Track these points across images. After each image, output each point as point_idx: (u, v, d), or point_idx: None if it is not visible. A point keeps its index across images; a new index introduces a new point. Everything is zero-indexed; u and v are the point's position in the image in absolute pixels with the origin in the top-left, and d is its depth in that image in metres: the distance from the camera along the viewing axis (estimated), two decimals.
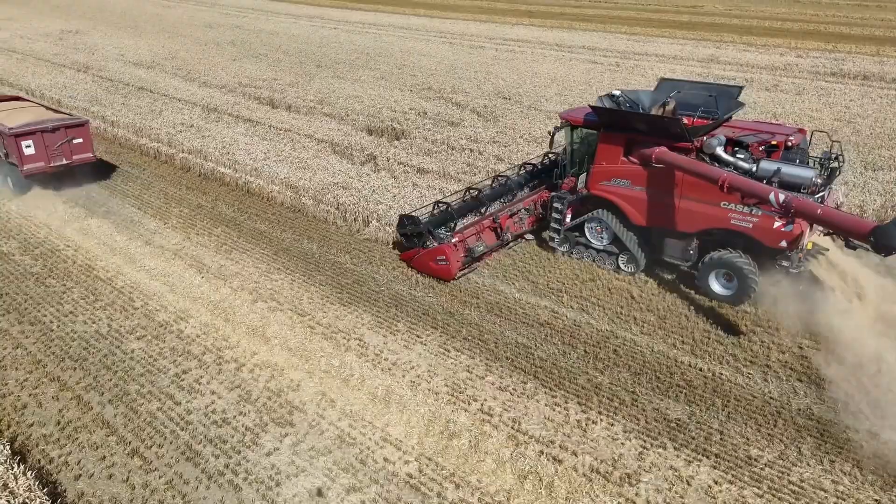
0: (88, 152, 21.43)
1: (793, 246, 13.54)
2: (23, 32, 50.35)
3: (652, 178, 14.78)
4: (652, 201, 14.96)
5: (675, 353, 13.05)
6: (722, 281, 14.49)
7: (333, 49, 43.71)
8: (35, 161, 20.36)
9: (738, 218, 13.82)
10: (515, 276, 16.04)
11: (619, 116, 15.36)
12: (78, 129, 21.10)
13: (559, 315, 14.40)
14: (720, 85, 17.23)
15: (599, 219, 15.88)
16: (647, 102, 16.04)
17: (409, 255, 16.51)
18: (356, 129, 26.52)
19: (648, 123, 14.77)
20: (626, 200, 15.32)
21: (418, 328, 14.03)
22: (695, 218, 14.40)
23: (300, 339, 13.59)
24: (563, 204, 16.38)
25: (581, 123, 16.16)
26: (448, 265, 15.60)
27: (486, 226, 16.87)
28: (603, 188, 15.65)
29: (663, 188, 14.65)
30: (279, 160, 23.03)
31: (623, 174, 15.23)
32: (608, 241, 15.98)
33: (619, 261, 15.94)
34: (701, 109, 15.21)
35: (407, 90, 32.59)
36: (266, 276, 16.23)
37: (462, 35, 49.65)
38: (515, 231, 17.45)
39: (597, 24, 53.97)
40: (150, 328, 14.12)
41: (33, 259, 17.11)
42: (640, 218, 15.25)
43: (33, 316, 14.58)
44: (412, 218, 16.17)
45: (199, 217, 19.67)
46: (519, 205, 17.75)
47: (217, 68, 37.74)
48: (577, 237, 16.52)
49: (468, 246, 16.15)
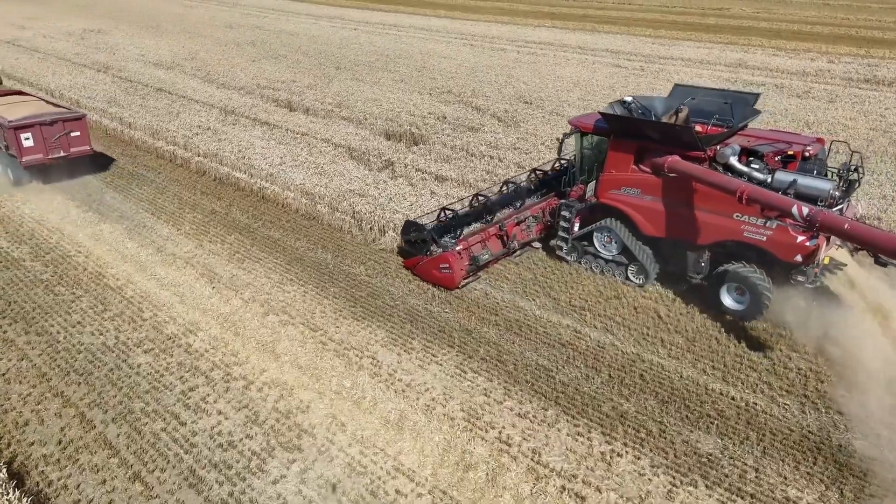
0: (86, 145, 21.96)
1: (808, 260, 12.96)
2: (46, 31, 50.65)
3: (663, 188, 14.32)
4: (662, 211, 14.50)
5: (705, 380, 12.32)
6: (734, 295, 13.98)
7: (353, 50, 43.33)
8: (34, 153, 20.89)
9: (752, 230, 13.32)
10: (536, 292, 15.40)
11: (629, 123, 14.95)
12: (75, 123, 21.63)
13: (582, 335, 13.73)
14: (736, 92, 16.70)
15: (608, 228, 15.44)
16: (660, 109, 15.60)
17: (412, 263, 16.16)
18: (374, 134, 26.02)
19: (659, 131, 14.35)
20: (635, 210, 14.87)
21: (434, 346, 13.45)
22: (706, 229, 13.93)
23: (311, 357, 13.07)
24: (571, 212, 15.96)
25: (591, 130, 15.70)
26: (451, 274, 15.20)
27: (492, 233, 16.47)
28: (612, 197, 15.22)
29: (674, 198, 14.18)
30: (295, 165, 22.60)
31: (633, 183, 14.77)
32: (617, 252, 15.54)
33: (628, 272, 15.48)
34: (715, 117, 14.78)
35: (426, 93, 32.06)
36: (278, 287, 15.75)
37: (483, 37, 49.02)
38: (522, 239, 17.03)
39: (620, 27, 53.02)
40: (158, 341, 13.69)
41: (44, 265, 16.81)
42: (651, 228, 14.79)
43: (41, 326, 14.24)
44: (416, 224, 15.80)
45: (212, 223, 19.28)
46: (526, 212, 17.29)
47: (236, 69, 37.51)
48: (586, 246, 16.12)
49: (472, 254, 15.78)
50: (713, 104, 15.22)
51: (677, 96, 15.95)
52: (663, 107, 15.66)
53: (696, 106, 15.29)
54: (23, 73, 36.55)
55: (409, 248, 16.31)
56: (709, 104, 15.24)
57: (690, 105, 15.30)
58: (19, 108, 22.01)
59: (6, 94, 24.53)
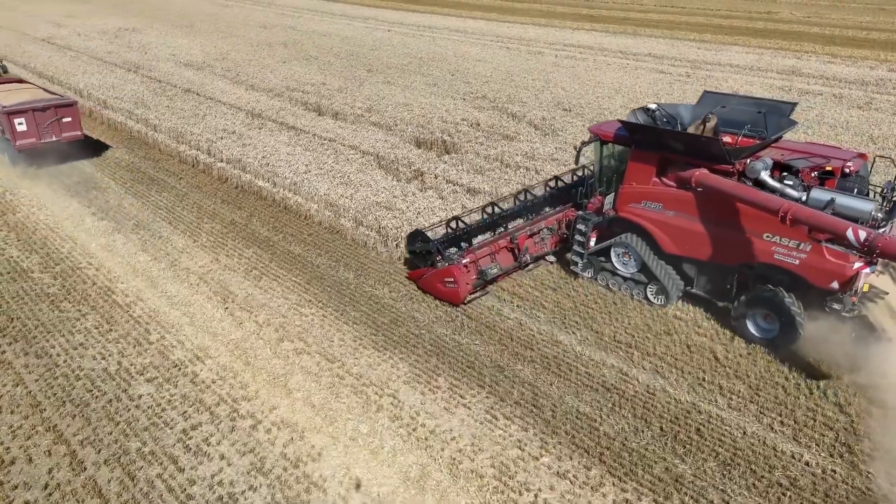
0: (77, 130, 22.93)
1: (846, 287, 11.70)
2: (82, 30, 50.70)
3: (686, 203, 13.31)
4: (685, 228, 13.45)
5: (773, 439, 10.73)
6: (761, 322, 12.87)
7: (386, 52, 42.23)
8: (27, 137, 21.95)
9: (783, 252, 12.21)
10: (576, 323, 13.94)
11: (651, 133, 13.85)
12: (67, 109, 22.60)
13: (629, 378, 12.23)
14: (771, 100, 15.32)
15: (626, 244, 14.44)
16: (687, 118, 14.55)
17: (416, 275, 15.37)
18: (404, 141, 24.78)
19: (683, 142, 13.31)
20: (656, 226, 13.86)
21: (462, 385, 12.09)
22: (733, 249, 12.86)
23: (326, 394, 11.83)
24: (587, 226, 14.98)
25: (611, 139, 14.63)
26: (456, 288, 14.32)
27: (503, 246, 15.52)
28: (632, 211, 14.23)
29: (699, 214, 13.19)
30: (320, 174, 21.46)
31: (654, 196, 13.76)
32: (636, 269, 14.50)
33: (647, 291, 14.44)
34: (747, 127, 13.63)
35: (459, 98, 30.73)
36: (295, 310, 14.57)
37: (520, 39, 47.51)
38: (535, 252, 16.05)
39: (663, 30, 50.98)
40: (163, 368, 12.60)
41: (52, 278, 15.92)
42: (672, 246, 13.77)
43: (41, 347, 13.28)
44: (422, 234, 14.99)
45: (230, 235, 18.23)
46: (541, 223, 16.24)
47: (266, 71, 36.70)
48: (603, 262, 15.11)
49: (480, 268, 14.87)
50: (745, 113, 14.04)
51: (706, 104, 14.72)
52: (690, 115, 14.55)
53: (726, 115, 14.12)
54: (53, 72, 36.27)
55: (414, 259, 15.53)
56: (740, 113, 14.07)
57: (720, 114, 14.10)
58: (15, 95, 23.13)
59: (7, 82, 25.77)
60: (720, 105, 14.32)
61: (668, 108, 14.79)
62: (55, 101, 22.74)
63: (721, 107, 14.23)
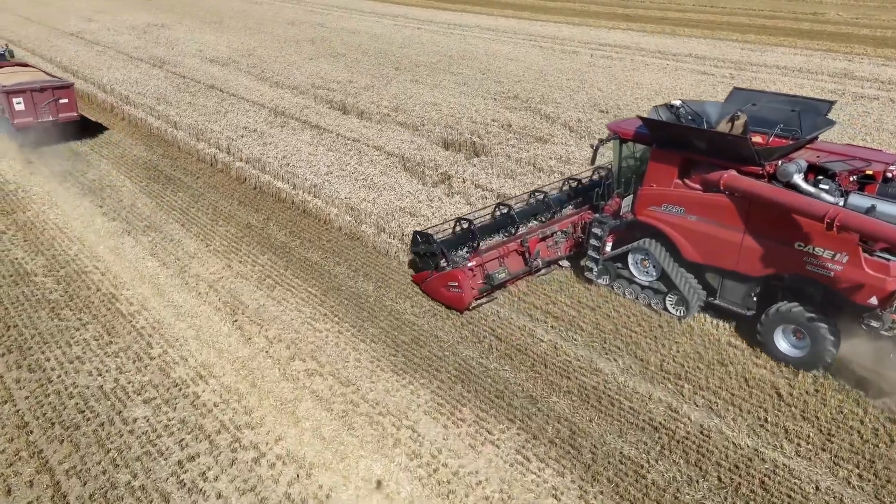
0: (73, 112, 23.83)
1: (886, 303, 10.64)
2: (111, 24, 50.50)
3: (711, 207, 12.33)
4: (709, 234, 12.49)
5: (851, 496, 9.23)
6: (790, 339, 11.88)
7: (415, 50, 41.06)
8: (25, 116, 22.82)
9: (816, 263, 11.23)
10: (618, 349, 12.53)
11: (673, 131, 12.84)
12: (64, 91, 23.49)
13: (679, 415, 10.80)
14: (806, 98, 14.18)
15: (645, 250, 13.56)
16: (714, 115, 13.55)
17: (420, 278, 14.66)
18: (431, 143, 23.54)
19: (708, 141, 12.28)
20: (677, 231, 12.93)
21: (489, 418, 10.79)
22: (761, 259, 11.92)
23: (338, 424, 10.62)
24: (603, 229, 14.12)
25: (631, 137, 13.74)
26: (460, 293, 13.51)
27: (512, 249, 14.66)
28: (651, 214, 13.30)
29: (724, 220, 12.18)
30: (342, 176, 20.33)
31: (676, 200, 12.81)
32: (655, 277, 13.62)
33: (666, 301, 13.56)
34: (779, 127, 12.78)
35: (490, 98, 29.38)
36: (309, 325, 13.42)
37: (553, 38, 45.96)
38: (548, 256, 15.18)
39: (703, 31, 48.95)
40: (163, 388, 11.53)
41: (56, 282, 15.02)
42: (694, 253, 12.85)
43: (35, 359, 12.31)
44: (426, 235, 14.18)
45: (245, 240, 17.18)
46: (554, 226, 15.35)
47: (292, 67, 35.78)
48: (619, 269, 14.25)
49: (487, 272, 14.04)
50: (778, 112, 13.11)
51: (736, 101, 13.75)
52: (718, 113, 13.53)
53: (756, 113, 13.15)
54: (78, 66, 35.83)
55: (419, 262, 14.75)
56: (772, 112, 13.14)
57: (750, 112, 13.11)
58: (16, 76, 24.21)
59: (13, 65, 27.01)
60: (751, 102, 13.37)
61: (693, 105, 13.76)
62: (52, 82, 23.64)
63: (751, 104, 13.26)
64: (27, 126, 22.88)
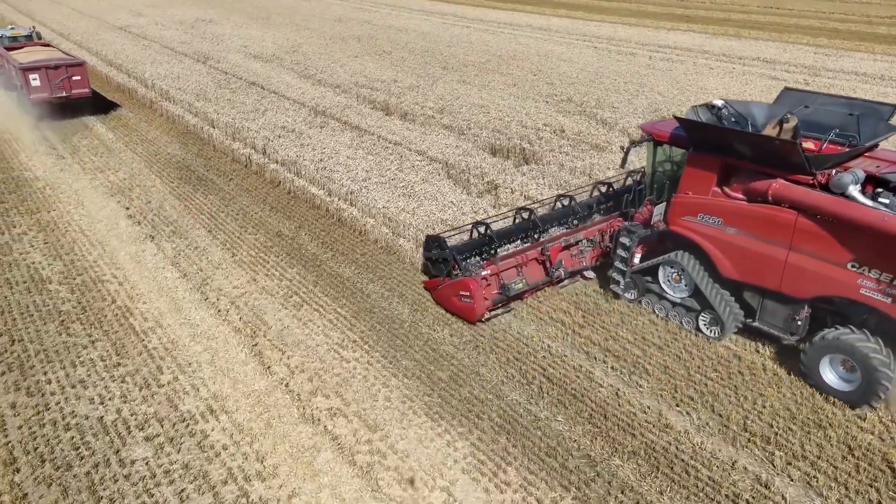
0: (85, 88, 25.52)
1: None
2: (160, 19, 50.46)
3: (753, 219, 11.22)
4: (749, 249, 11.36)
5: None
6: (839, 370, 10.66)
7: (463, 49, 39.49)
8: (40, 91, 24.49)
9: (872, 287, 10.03)
10: (692, 400, 10.69)
11: (713, 133, 11.60)
12: (77, 69, 25.15)
13: (771, 492, 8.93)
14: (866, 101, 12.49)
15: (678, 263, 12.45)
16: (761, 118, 12.30)
17: (432, 285, 13.80)
18: (477, 148, 21.91)
19: (752, 145, 11.06)
20: (714, 244, 11.84)
21: (539, 482, 9.12)
22: (809, 279, 10.76)
23: (361, 483, 9.11)
24: (632, 239, 13.08)
25: (666, 139, 12.62)
26: (471, 304, 12.55)
27: (532, 257, 13.68)
28: (686, 225, 12.21)
29: (767, 234, 11.06)
30: (381, 182, 18.88)
31: (714, 210, 11.71)
32: (688, 293, 12.51)
33: (699, 320, 12.41)
34: (834, 132, 11.54)
35: (542, 101, 27.58)
36: (336, 353, 11.97)
37: (609, 39, 43.77)
38: (571, 266, 14.17)
39: (770, 33, 46.02)
40: (168, 423, 10.22)
41: (70, 291, 13.96)
42: (732, 269, 11.75)
43: (36, 381, 11.18)
44: (438, 240, 13.40)
45: (274, 250, 15.88)
46: (580, 234, 14.37)
47: (336, 65, 34.63)
48: (649, 283, 13.11)
49: (502, 282, 13.05)
50: (833, 115, 11.85)
51: (786, 103, 12.46)
52: (765, 115, 12.28)
53: (809, 117, 11.94)
54: (122, 60, 35.42)
55: (430, 268, 13.93)
56: (827, 115, 11.90)
57: (801, 115, 11.83)
58: (34, 55, 25.91)
59: (39, 45, 28.90)
60: (803, 104, 12.15)
61: (737, 106, 12.52)
62: (66, 60, 25.36)
63: (804, 106, 12.06)
64: (42, 101, 24.52)
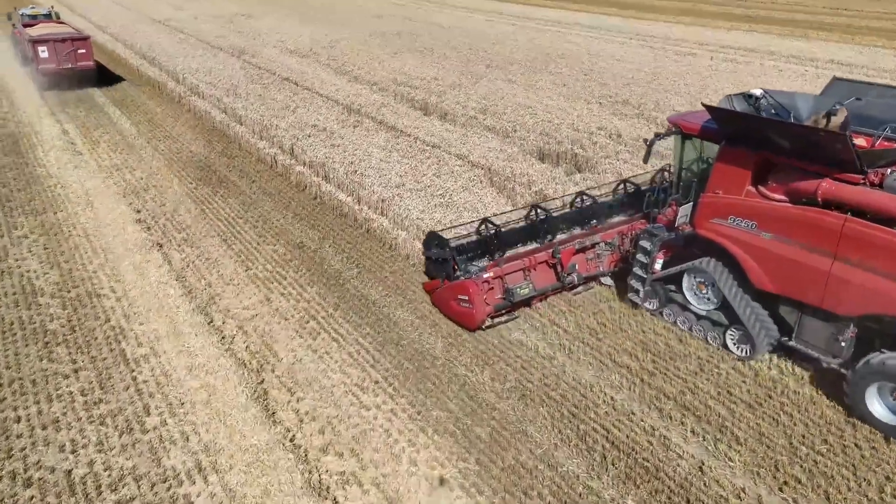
0: (89, 61, 27.47)
1: None
2: (199, 13, 49.61)
3: (793, 224, 9.97)
4: (787, 258, 10.10)
5: None
6: (888, 401, 9.35)
7: (508, 47, 37.36)
8: (48, 63, 26.50)
9: None
10: (798, 482, 8.42)
11: (749, 123, 10.22)
12: (82, 42, 27.22)
13: None
14: None
15: (704, 271, 11.20)
16: (806, 110, 10.69)
17: (431, 286, 12.73)
18: (523, 153, 19.80)
19: (795, 137, 9.75)
20: (747, 251, 10.60)
21: None
22: (857, 295, 9.43)
23: None
24: (653, 243, 11.74)
25: (697, 132, 11.32)
26: (471, 309, 11.38)
27: (541, 260, 12.44)
28: (714, 228, 10.97)
29: (809, 241, 9.81)
30: (416, 189, 16.92)
31: (747, 211, 10.48)
32: (715, 306, 11.28)
33: (727, 336, 11.15)
34: (890, 127, 10.15)
35: (595, 102, 25.29)
36: (354, 397, 10.03)
37: (664, 39, 41.08)
38: (586, 272, 12.93)
39: (841, 34, 42.67)
40: (147, 482, 8.42)
41: (62, 306, 12.36)
42: (766, 280, 10.47)
43: (3, 418, 9.52)
44: (439, 238, 12.26)
45: (293, 264, 14.07)
46: (596, 236, 13.13)
47: (374, 62, 32.88)
48: (672, 292, 11.87)
49: (507, 286, 11.89)
50: (889, 109, 10.40)
51: (835, 94, 10.90)
52: (810, 107, 10.67)
53: (862, 109, 10.43)
54: (156, 53, 34.30)
55: (431, 268, 12.78)
56: (882, 108, 10.46)
57: (852, 107, 10.24)
58: (44, 30, 27.68)
59: (55, 23, 30.76)
60: (854, 96, 10.66)
61: (778, 97, 10.89)
62: (73, 34, 27.40)
63: (855, 98, 10.60)
64: (50, 72, 26.49)
